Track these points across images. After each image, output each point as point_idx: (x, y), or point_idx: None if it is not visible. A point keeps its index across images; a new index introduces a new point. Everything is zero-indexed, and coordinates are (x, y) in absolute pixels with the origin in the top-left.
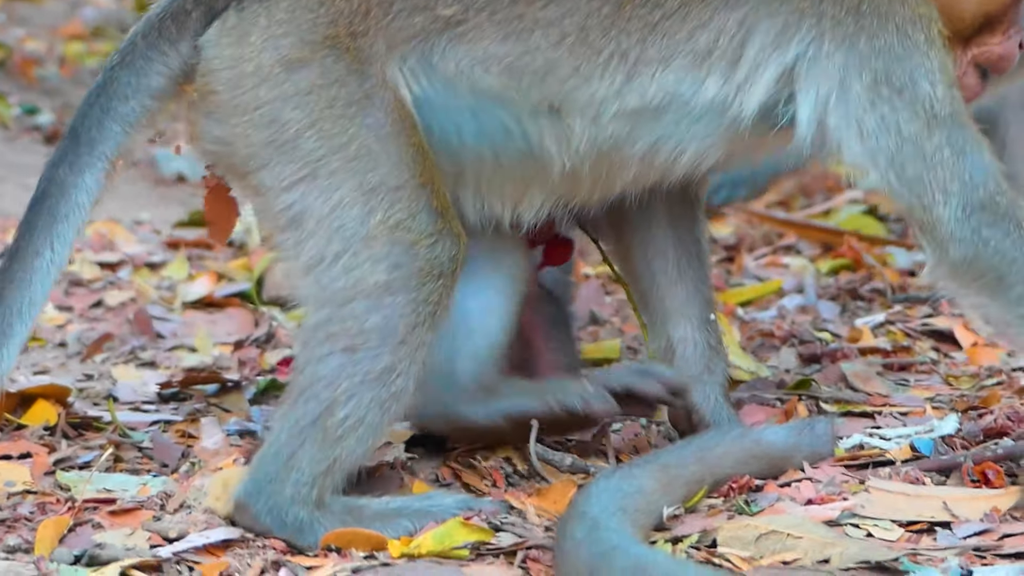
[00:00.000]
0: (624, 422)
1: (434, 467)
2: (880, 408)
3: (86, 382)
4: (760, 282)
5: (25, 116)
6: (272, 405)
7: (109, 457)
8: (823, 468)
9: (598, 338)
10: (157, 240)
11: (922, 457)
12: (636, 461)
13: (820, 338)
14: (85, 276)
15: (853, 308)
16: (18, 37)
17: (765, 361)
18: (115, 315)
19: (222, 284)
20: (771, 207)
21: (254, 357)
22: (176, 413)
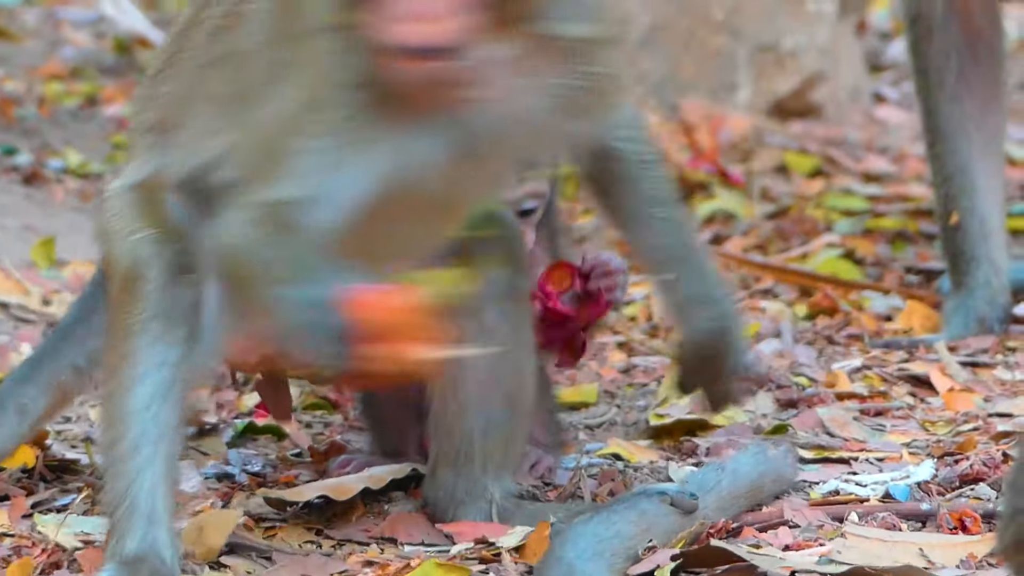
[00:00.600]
0: (601, 467)
1: (412, 508)
2: (857, 454)
3: (64, 424)
4: None
5: (3, 156)
6: (250, 448)
7: (87, 500)
8: (801, 512)
9: (575, 382)
10: None
11: (898, 503)
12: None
13: (797, 383)
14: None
15: (830, 353)
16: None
17: (742, 406)
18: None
19: None
20: (748, 251)
21: (231, 400)
22: None
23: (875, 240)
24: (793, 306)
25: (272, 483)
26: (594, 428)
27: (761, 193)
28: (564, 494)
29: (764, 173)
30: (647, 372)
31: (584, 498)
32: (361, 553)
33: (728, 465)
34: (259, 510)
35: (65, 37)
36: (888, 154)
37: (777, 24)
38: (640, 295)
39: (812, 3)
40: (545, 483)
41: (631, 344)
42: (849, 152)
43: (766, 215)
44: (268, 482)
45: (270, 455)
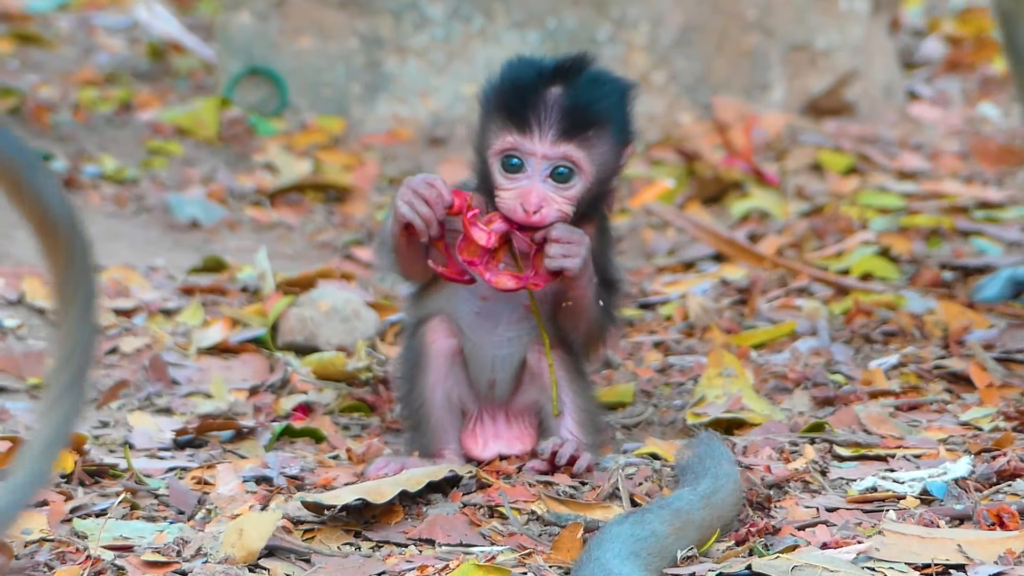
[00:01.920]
0: (638, 466)
1: (450, 512)
2: (894, 451)
3: (102, 429)
4: (773, 325)
5: None
6: (288, 451)
7: (125, 504)
8: (839, 510)
9: (612, 381)
10: (171, 286)
11: (935, 500)
12: (649, 506)
13: (833, 380)
14: (100, 323)
15: (867, 350)
16: (32, 83)
17: (778, 404)
18: (130, 362)
19: (237, 330)
20: (783, 249)
21: (269, 403)
22: (192, 460)
23: (910, 237)
24: (829, 304)
25: (310, 486)
26: (631, 428)
27: (796, 192)
28: (602, 494)
29: (798, 172)
30: (683, 371)
31: (622, 498)
32: (399, 555)
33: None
34: (297, 513)
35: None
36: (922, 151)
37: (810, 23)
38: (675, 295)
39: (845, 1)
40: (582, 483)
41: (667, 344)
42: (883, 150)
43: (801, 213)
44: (306, 485)
45: (308, 458)
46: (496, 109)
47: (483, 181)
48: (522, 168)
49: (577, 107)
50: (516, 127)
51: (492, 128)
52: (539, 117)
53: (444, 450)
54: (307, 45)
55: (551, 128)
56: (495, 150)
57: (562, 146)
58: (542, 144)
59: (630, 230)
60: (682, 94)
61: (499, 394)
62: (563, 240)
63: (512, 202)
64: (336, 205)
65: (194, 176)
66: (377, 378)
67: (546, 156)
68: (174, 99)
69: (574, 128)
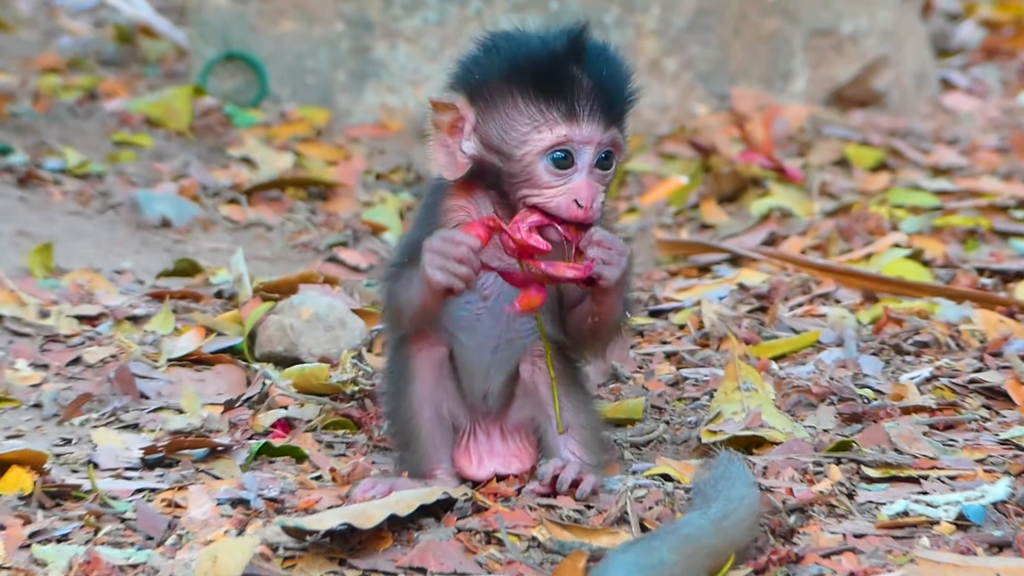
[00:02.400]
0: (649, 488)
1: (443, 538)
2: (927, 472)
3: (63, 447)
4: (795, 334)
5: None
6: (266, 471)
7: (88, 529)
8: (867, 537)
9: (620, 396)
10: (139, 291)
11: (972, 525)
12: (656, 532)
13: (861, 395)
14: (62, 331)
15: (897, 363)
16: None
17: (801, 420)
18: (95, 373)
19: (211, 339)
20: (806, 251)
21: (246, 419)
22: (161, 480)
23: (945, 239)
24: (857, 312)
25: (291, 509)
26: (641, 446)
27: (820, 189)
28: (609, 518)
29: (823, 167)
30: (698, 385)
31: (631, 523)
32: None
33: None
34: (277, 539)
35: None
36: (958, 146)
37: (835, 6)
38: (689, 301)
39: None
40: (588, 506)
41: (680, 355)
42: (915, 144)
43: (826, 213)
44: (286, 508)
45: (288, 478)
46: (521, 100)
47: (492, 179)
48: (571, 161)
49: (612, 85)
50: (563, 116)
51: (524, 122)
52: (583, 101)
53: (436, 470)
54: (288, 29)
55: (599, 111)
56: (542, 147)
57: (611, 130)
58: (595, 130)
59: (640, 230)
60: (696, 83)
61: (493, 405)
62: (605, 244)
63: (563, 199)
64: (319, 203)
65: (165, 171)
66: (363, 392)
67: (600, 143)
68: (143, 87)
69: (616, 108)
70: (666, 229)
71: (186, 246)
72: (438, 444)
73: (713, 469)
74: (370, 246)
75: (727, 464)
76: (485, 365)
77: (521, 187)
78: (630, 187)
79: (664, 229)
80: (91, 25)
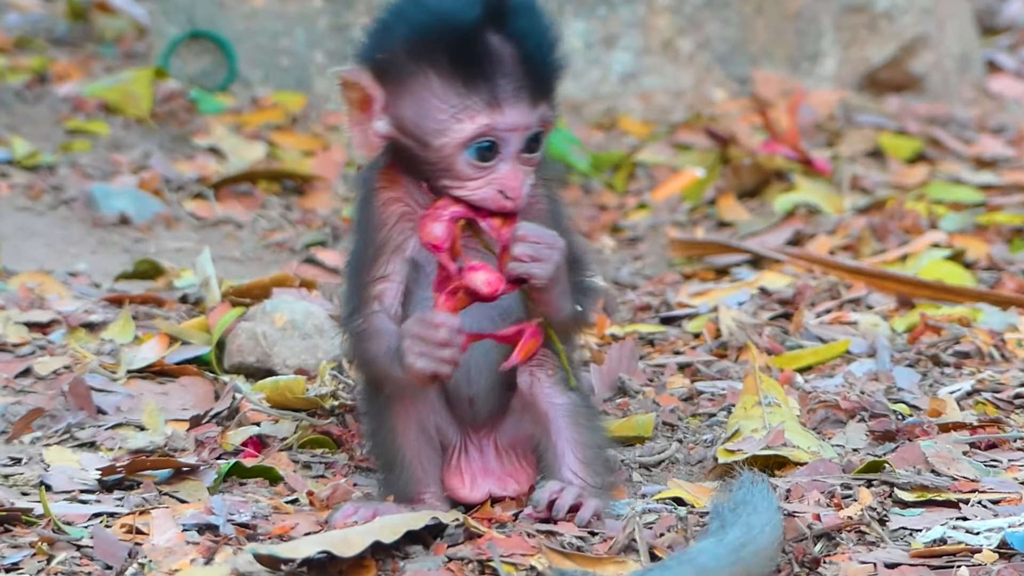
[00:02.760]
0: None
1: (432, 567)
2: (967, 495)
3: (13, 467)
4: (823, 344)
5: None
6: (237, 494)
7: (41, 557)
8: (901, 566)
9: (628, 412)
10: (96, 295)
11: (1016, 553)
12: (667, 561)
13: (895, 411)
14: (10, 339)
15: (935, 375)
16: None
17: (829, 439)
18: (46, 386)
19: (175, 348)
20: (836, 252)
21: (214, 436)
22: (121, 504)
23: (989, 239)
24: (891, 319)
25: (263, 536)
26: (651, 467)
27: (851, 183)
28: (615, 546)
29: (854, 159)
30: (714, 400)
31: (639, 551)
32: None
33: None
34: (249, 568)
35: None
36: (1004, 135)
37: None
38: (705, 307)
39: None
40: (592, 533)
41: (695, 366)
42: (957, 133)
43: (857, 209)
44: (259, 534)
45: (261, 502)
46: (434, 80)
47: (409, 164)
48: (495, 151)
49: (540, 54)
50: (485, 102)
51: (441, 108)
52: (508, 81)
53: (424, 493)
54: (260, 4)
55: (526, 90)
56: (462, 138)
57: (539, 108)
58: (521, 114)
59: (650, 228)
60: (714, 65)
61: (481, 413)
62: (531, 239)
63: (488, 191)
64: (295, 198)
65: (123, 162)
66: (344, 406)
67: (528, 127)
68: (99, 69)
69: (545, 82)
70: (680, 227)
71: (147, 245)
72: (425, 465)
73: (733, 491)
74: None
75: (748, 486)
76: (463, 367)
77: (440, 177)
78: (640, 181)
79: (678, 227)
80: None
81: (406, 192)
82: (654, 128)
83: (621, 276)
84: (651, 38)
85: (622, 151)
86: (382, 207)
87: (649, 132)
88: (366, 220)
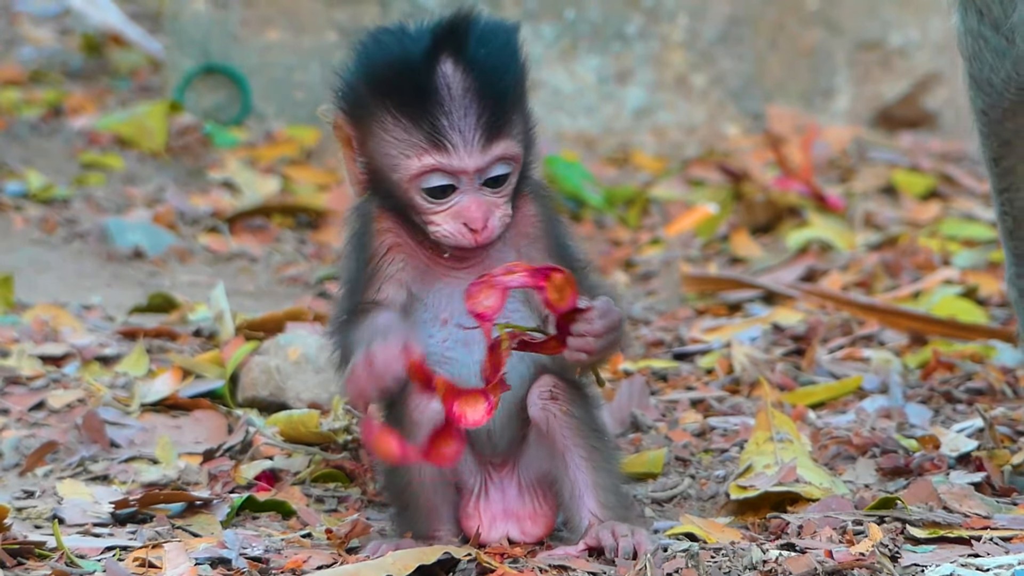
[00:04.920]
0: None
1: None
2: (979, 532)
3: (26, 500)
4: (835, 380)
5: None
6: (250, 528)
7: None
8: None
9: (640, 447)
10: (110, 329)
11: None
12: None
13: (906, 447)
14: (24, 372)
15: (947, 412)
16: None
17: (840, 475)
18: (60, 419)
19: (188, 382)
20: (848, 288)
21: (227, 470)
22: (134, 538)
23: (1001, 275)
24: (903, 355)
25: (276, 570)
26: (663, 503)
27: (864, 219)
28: None
29: (867, 195)
30: (727, 435)
31: None
32: None
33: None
34: None
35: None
36: None
37: (883, 15)
38: (718, 343)
39: None
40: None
41: (707, 402)
42: (970, 169)
43: (870, 246)
44: (271, 568)
45: (274, 536)
46: (387, 117)
47: (390, 200)
48: (450, 188)
49: (493, 87)
50: (431, 144)
51: (394, 147)
52: (453, 120)
53: (438, 531)
54: (275, 38)
55: (475, 130)
56: (410, 175)
57: (494, 147)
58: (471, 156)
59: (664, 263)
60: (727, 100)
61: (500, 447)
62: (594, 331)
63: (451, 226)
64: (308, 232)
65: (137, 196)
66: (357, 441)
67: (479, 169)
68: (113, 103)
69: (499, 118)
70: (693, 263)
71: (161, 279)
72: (440, 506)
73: None
74: None
75: None
76: None
77: (410, 212)
78: (654, 216)
79: (691, 263)
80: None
81: (397, 224)
82: (667, 163)
83: (634, 311)
84: (665, 74)
85: (635, 186)
86: (375, 236)
87: (663, 167)
88: (360, 249)
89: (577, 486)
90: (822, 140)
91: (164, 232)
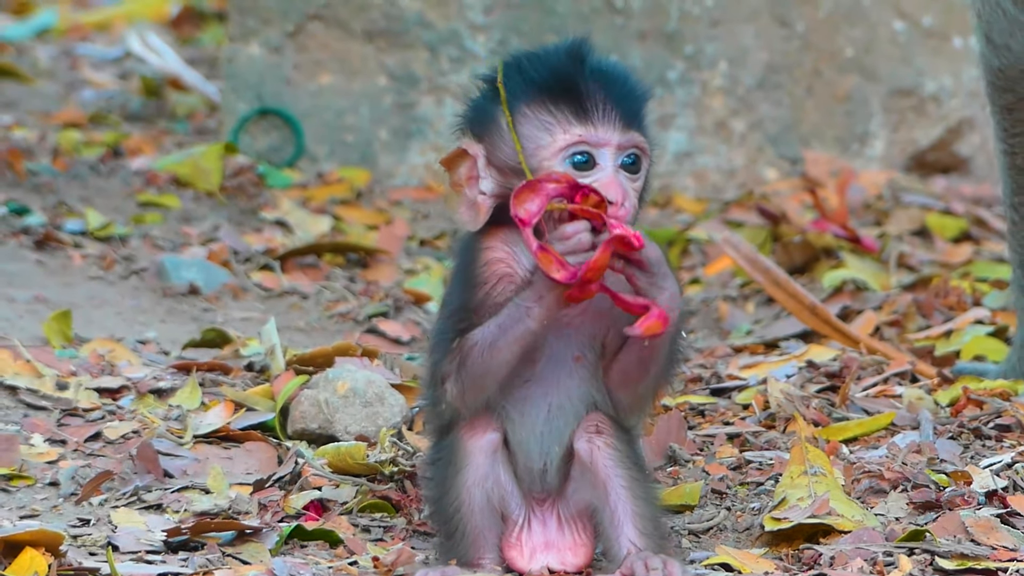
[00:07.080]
0: None
1: None
2: (1006, 564)
3: (81, 528)
4: (868, 416)
5: (12, 217)
6: (298, 556)
7: None
8: None
9: (678, 480)
10: (164, 362)
11: None
12: None
13: (937, 482)
14: (81, 404)
15: (976, 447)
16: (4, 124)
17: (872, 508)
18: (115, 450)
19: (240, 414)
20: (882, 328)
21: (277, 500)
22: (185, 565)
23: None
24: (935, 393)
25: None
26: (700, 534)
27: (898, 261)
28: None
29: (901, 237)
30: (762, 469)
31: None
32: None
33: None
34: None
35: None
36: None
37: (917, 63)
38: (754, 379)
39: (958, 38)
40: None
41: (744, 436)
42: (1001, 213)
43: (903, 286)
44: None
45: (321, 564)
46: (541, 105)
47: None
48: (592, 162)
49: (621, 88)
50: (577, 119)
51: (539, 129)
52: (599, 104)
53: (482, 559)
54: (327, 82)
55: (616, 114)
56: (556, 148)
57: (630, 132)
58: (613, 132)
59: (702, 302)
60: (766, 145)
61: (551, 484)
62: (652, 269)
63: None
64: (358, 270)
65: (193, 234)
66: (403, 472)
67: (620, 145)
68: (170, 144)
69: (634, 112)
70: (731, 302)
71: (215, 315)
72: (485, 534)
73: None
74: (412, 317)
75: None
76: (539, 436)
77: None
78: (693, 256)
79: (729, 302)
80: (115, 77)
81: (510, 254)
82: (707, 206)
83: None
84: (705, 119)
85: (676, 227)
86: (486, 265)
87: (702, 209)
88: (468, 277)
89: (617, 514)
90: (857, 184)
91: (218, 269)
